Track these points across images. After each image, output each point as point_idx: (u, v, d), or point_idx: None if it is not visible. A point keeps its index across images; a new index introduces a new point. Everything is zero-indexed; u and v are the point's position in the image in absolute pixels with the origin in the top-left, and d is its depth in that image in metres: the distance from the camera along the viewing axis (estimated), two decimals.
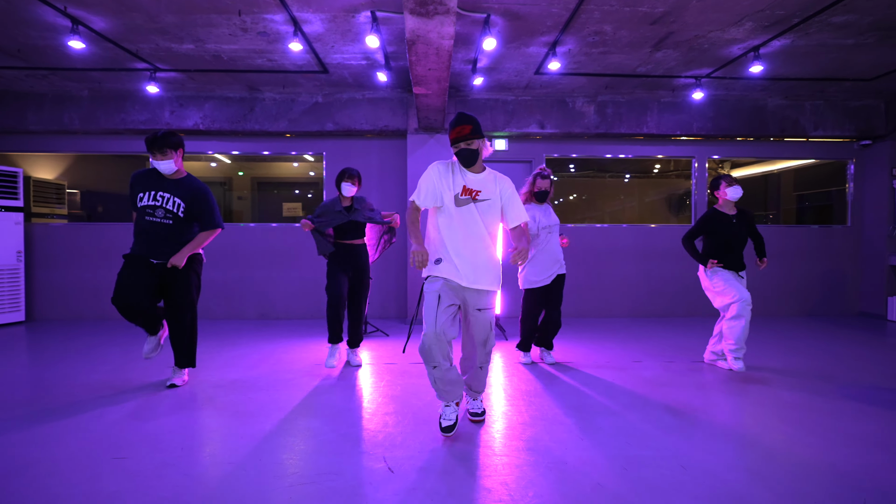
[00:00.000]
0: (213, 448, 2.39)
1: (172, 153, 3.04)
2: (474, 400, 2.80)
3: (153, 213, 3.05)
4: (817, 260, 6.61)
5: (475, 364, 2.62)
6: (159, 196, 3.06)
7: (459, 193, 2.50)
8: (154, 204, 3.05)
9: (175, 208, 3.07)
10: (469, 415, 2.80)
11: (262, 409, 2.91)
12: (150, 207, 3.05)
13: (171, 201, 3.07)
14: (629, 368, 3.88)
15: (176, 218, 3.09)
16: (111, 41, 4.44)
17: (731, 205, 3.81)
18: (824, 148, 6.62)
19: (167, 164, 3.02)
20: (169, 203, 3.06)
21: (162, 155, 3.00)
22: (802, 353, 4.39)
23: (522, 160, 6.40)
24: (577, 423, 2.71)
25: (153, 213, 3.05)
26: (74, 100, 5.90)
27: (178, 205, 3.07)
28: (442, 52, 3.46)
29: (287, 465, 2.20)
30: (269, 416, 2.79)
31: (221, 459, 2.25)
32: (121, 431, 2.57)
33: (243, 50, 4.69)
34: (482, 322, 2.53)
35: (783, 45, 4.53)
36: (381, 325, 5.79)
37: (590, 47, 4.62)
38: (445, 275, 2.47)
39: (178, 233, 3.11)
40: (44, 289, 6.15)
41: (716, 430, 2.64)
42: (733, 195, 3.73)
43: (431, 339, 2.37)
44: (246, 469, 2.15)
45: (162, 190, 3.07)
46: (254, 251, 6.22)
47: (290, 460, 2.25)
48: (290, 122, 5.98)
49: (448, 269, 2.48)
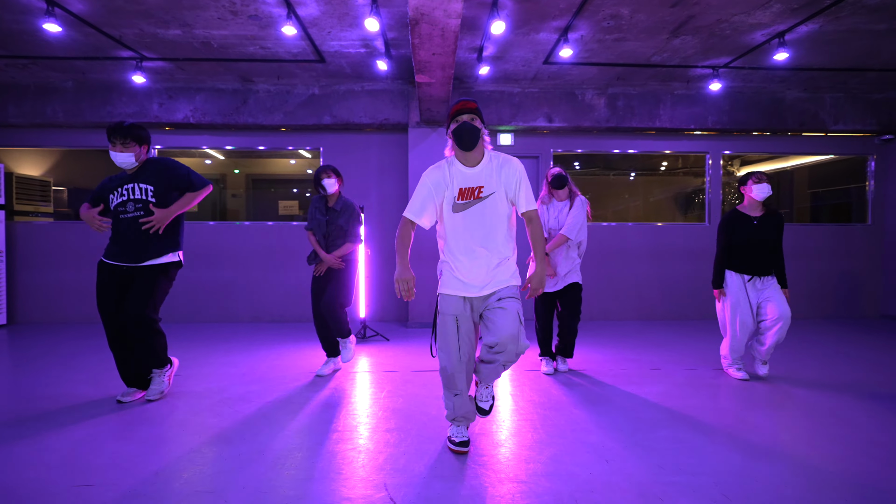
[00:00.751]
0: (191, 474, 2.10)
1: (136, 147, 2.77)
2: (485, 389, 2.39)
3: (125, 210, 2.79)
4: (836, 260, 6.33)
5: (498, 362, 2.19)
6: (125, 190, 2.79)
7: (457, 198, 2.20)
8: (122, 199, 2.79)
9: (143, 194, 2.78)
10: (480, 412, 2.42)
11: (250, 426, 2.62)
12: (121, 205, 2.80)
13: (136, 188, 2.79)
14: (649, 377, 3.59)
15: (146, 206, 2.79)
16: (91, 25, 4.14)
17: (756, 205, 3.49)
18: (844, 143, 6.34)
19: (126, 157, 2.75)
20: (136, 192, 2.78)
21: (123, 146, 2.73)
22: (830, 361, 4.10)
23: (529, 155, 6.11)
24: (601, 443, 2.42)
25: (125, 210, 2.79)
26: (58, 91, 5.61)
27: (144, 190, 2.78)
28: (448, 33, 3.17)
29: (274, 494, 1.91)
30: (257, 435, 2.50)
31: (199, 488, 1.96)
32: (90, 452, 2.28)
33: (234, 36, 4.40)
34: (509, 313, 2.12)
35: (810, 30, 4.24)
36: (380, 328, 5.50)
37: (604, 33, 4.34)
38: (453, 291, 2.22)
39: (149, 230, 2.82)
40: (27, 291, 5.85)
41: (755, 450, 2.35)
42: (759, 194, 3.42)
43: (456, 367, 2.22)
44: (227, 500, 1.86)
45: (126, 183, 2.81)
46: (248, 251, 5.93)
47: (279, 488, 1.95)
48: (286, 116, 5.69)
49: (455, 284, 2.23)
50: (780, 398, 3.12)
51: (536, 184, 6.12)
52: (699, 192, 7.90)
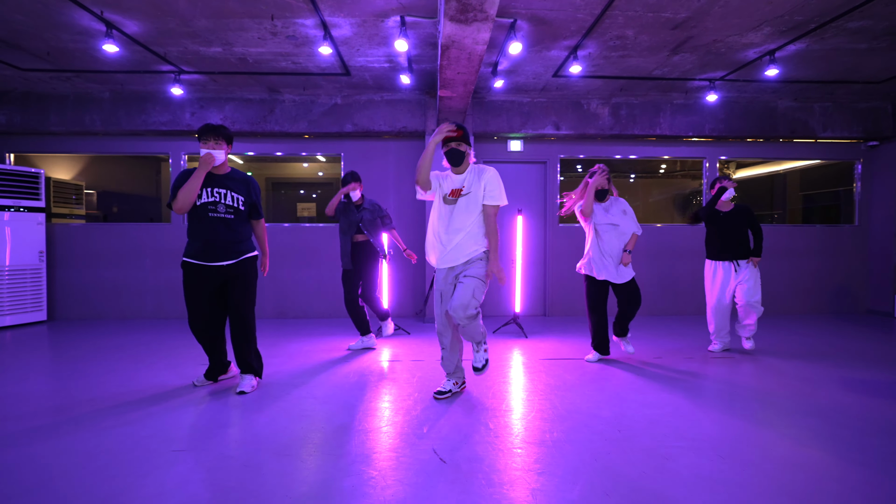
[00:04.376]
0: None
1: (225, 145, 3.11)
2: (476, 352, 3.16)
3: (215, 209, 3.08)
4: (826, 258, 6.74)
5: (457, 320, 2.93)
6: (216, 192, 3.09)
7: (448, 194, 3.02)
8: (215, 200, 3.08)
9: (234, 202, 3.12)
10: (474, 369, 3.16)
11: (325, 415, 3.00)
12: (212, 204, 3.07)
13: (230, 196, 3.11)
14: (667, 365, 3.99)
15: (237, 212, 3.14)
16: (141, 44, 4.51)
17: (726, 203, 4.27)
18: (832, 149, 6.76)
19: (218, 153, 3.06)
20: (228, 198, 3.11)
21: (216, 144, 3.06)
22: (824, 349, 4.51)
23: (537, 161, 6.51)
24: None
25: (215, 209, 3.08)
26: (96, 101, 5.97)
27: (236, 199, 3.13)
28: (473, 57, 3.55)
29: (342, 451, 2.29)
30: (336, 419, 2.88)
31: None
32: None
33: (269, 53, 4.77)
34: (465, 287, 2.90)
35: (798, 49, 4.64)
36: (399, 323, 5.88)
37: (610, 51, 4.73)
38: (441, 265, 3.02)
39: (237, 228, 3.15)
40: (64, 288, 6.21)
41: (748, 417, 2.74)
42: (724, 196, 4.24)
43: (439, 328, 3.10)
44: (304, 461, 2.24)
45: (217, 186, 3.10)
46: (272, 251, 6.29)
47: (351, 445, 2.34)
48: (310, 124, 6.07)
49: (437, 256, 3.04)
50: (764, 371, 3.52)
51: (545, 186, 6.52)
52: (696, 193, 8.32)
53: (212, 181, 3.12)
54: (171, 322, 5.94)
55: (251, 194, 3.21)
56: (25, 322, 5.72)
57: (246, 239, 3.23)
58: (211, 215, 3.09)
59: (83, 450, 2.35)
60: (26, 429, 2.61)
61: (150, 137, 6.24)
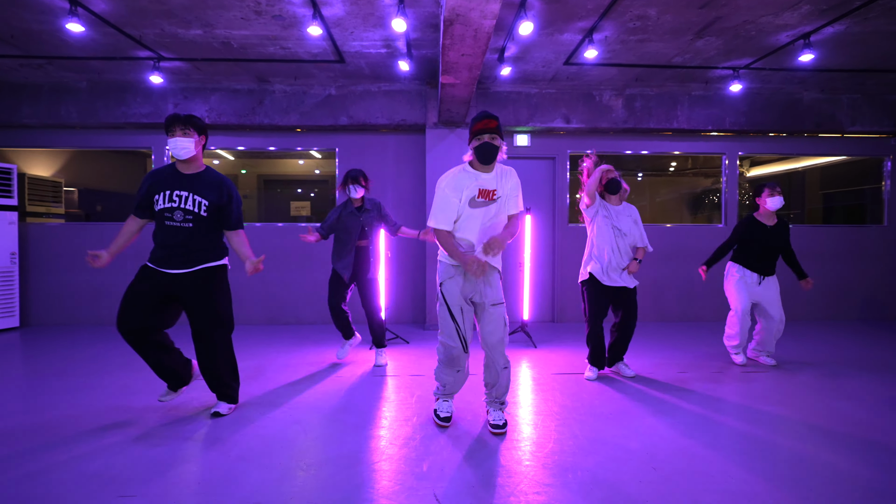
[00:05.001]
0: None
1: (195, 134, 2.65)
2: (497, 410, 2.68)
3: (171, 217, 2.64)
4: (851, 261, 6.32)
5: (499, 365, 2.60)
6: (175, 196, 2.63)
7: (476, 196, 2.52)
8: (171, 206, 2.63)
9: (196, 207, 2.65)
10: (491, 427, 2.62)
11: (276, 445, 2.59)
12: (168, 210, 2.63)
13: (191, 199, 2.65)
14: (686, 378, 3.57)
15: (197, 219, 2.66)
16: (113, 26, 4.10)
17: (770, 214, 3.87)
18: (860, 144, 6.33)
19: (186, 142, 2.60)
20: (188, 202, 2.65)
21: (183, 133, 2.60)
22: (864, 363, 4.10)
23: (545, 157, 6.08)
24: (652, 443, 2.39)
25: (171, 217, 2.64)
26: (72, 91, 5.55)
27: (198, 203, 2.66)
28: (481, 34, 3.14)
29: (325, 500, 1.88)
30: (296, 450, 2.47)
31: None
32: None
33: (255, 36, 4.36)
34: (496, 319, 2.58)
35: (836, 31, 4.22)
36: (398, 330, 5.47)
37: (628, 34, 4.31)
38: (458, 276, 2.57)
39: (199, 238, 2.68)
40: (39, 292, 5.80)
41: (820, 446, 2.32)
42: (773, 205, 3.79)
43: (461, 351, 2.59)
44: None
45: (179, 188, 2.65)
46: (261, 252, 5.86)
47: (329, 495, 1.92)
48: (302, 116, 5.65)
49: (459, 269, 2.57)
50: (801, 389, 3.11)
51: (553, 183, 6.10)
52: (709, 192, 7.90)
53: (174, 182, 2.66)
54: None
55: (222, 197, 2.71)
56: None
57: (212, 248, 2.74)
58: (167, 224, 2.64)
59: (12, 495, 1.94)
60: None
61: (131, 130, 5.82)
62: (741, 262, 3.94)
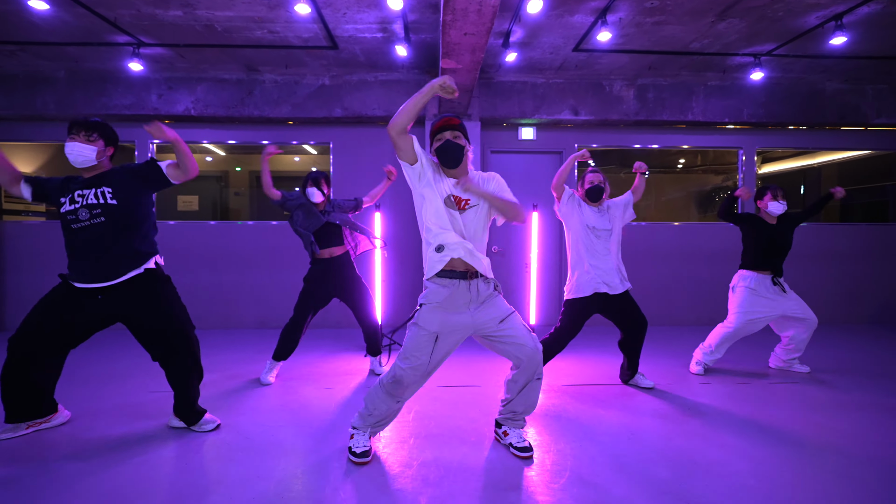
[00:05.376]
0: None
1: (99, 141, 2.36)
2: (519, 429, 2.36)
3: (76, 218, 2.33)
4: (872, 261, 5.98)
5: (531, 377, 2.23)
6: (78, 196, 2.34)
7: (450, 195, 2.17)
8: (73, 207, 2.33)
9: (101, 198, 2.33)
10: (515, 451, 2.27)
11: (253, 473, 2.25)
12: (72, 213, 2.33)
13: (92, 193, 2.34)
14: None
15: (107, 209, 2.33)
16: (82, 4, 3.76)
17: (771, 216, 3.68)
18: (884, 137, 5.99)
19: (87, 149, 2.31)
20: (89, 198, 2.33)
21: (86, 138, 2.32)
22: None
23: (552, 151, 5.75)
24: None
25: (76, 218, 2.33)
26: (49, 81, 5.22)
27: (101, 193, 2.33)
28: (486, 9, 2.81)
29: None
30: (259, 481, 2.14)
31: None
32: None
33: (240, 18, 4.02)
34: (515, 328, 2.18)
35: (871, 11, 3.89)
36: (394, 336, 5.13)
37: (645, 15, 3.97)
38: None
39: (116, 232, 2.35)
40: (16, 295, 5.47)
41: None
42: (774, 209, 3.59)
43: (417, 378, 2.15)
44: None
45: (81, 188, 2.36)
46: (252, 252, 5.56)
47: None
48: (294, 108, 5.32)
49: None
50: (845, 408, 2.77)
51: None
52: (720, 190, 7.57)
53: (77, 184, 2.39)
54: None
55: (123, 175, 2.39)
56: None
57: (136, 249, 2.40)
58: (73, 227, 2.33)
59: None
60: None
61: (113, 123, 5.38)
62: (750, 266, 3.65)
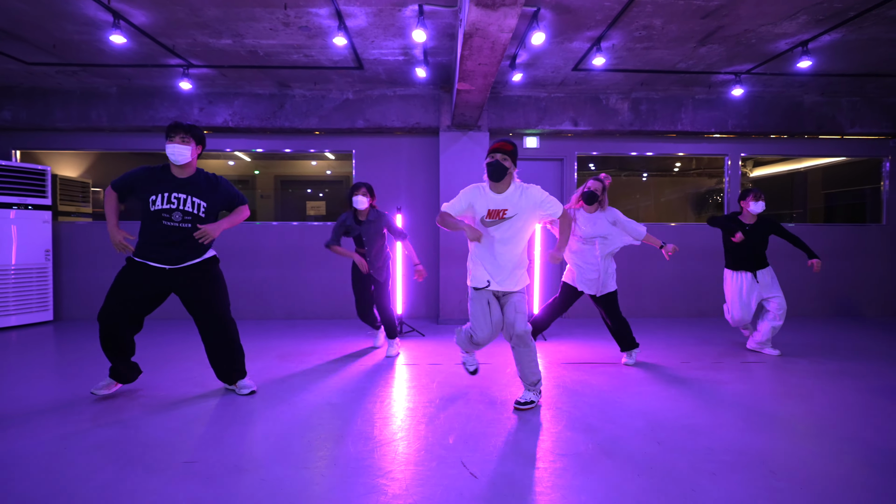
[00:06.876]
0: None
1: (192, 143, 2.88)
2: (526, 391, 2.96)
3: (170, 217, 2.82)
4: (851, 259, 6.51)
5: (513, 342, 2.87)
6: (174, 198, 2.82)
7: (485, 216, 2.77)
8: (170, 207, 2.82)
9: (195, 209, 2.86)
10: (516, 404, 2.91)
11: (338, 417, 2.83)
12: (167, 211, 2.82)
13: (189, 202, 2.85)
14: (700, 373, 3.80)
15: (196, 219, 2.87)
16: (149, 36, 4.36)
17: (751, 216, 4.23)
18: (859, 145, 6.53)
19: (184, 149, 2.82)
20: (187, 204, 2.85)
21: (182, 141, 2.82)
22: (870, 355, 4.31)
23: (554, 158, 6.32)
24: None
25: (170, 217, 2.82)
26: (102, 96, 5.83)
27: (197, 205, 2.87)
28: (497, 46, 3.38)
29: (366, 469, 2.12)
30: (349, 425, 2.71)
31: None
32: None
33: (281, 45, 4.61)
34: (513, 303, 2.84)
35: (833, 39, 4.43)
36: (414, 324, 5.71)
37: (634, 42, 4.54)
38: (485, 285, 2.82)
39: (193, 236, 2.88)
40: (70, 288, 6.09)
41: (794, 431, 2.55)
42: (755, 209, 4.15)
43: (487, 339, 2.87)
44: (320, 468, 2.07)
45: (176, 191, 2.84)
46: (281, 251, 6.15)
47: (374, 465, 2.17)
48: (321, 119, 5.91)
49: (482, 278, 2.82)
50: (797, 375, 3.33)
51: (561, 184, 6.33)
52: (713, 192, 8.10)
53: (171, 185, 2.86)
54: (174, 323, 5.79)
55: (217, 196, 2.95)
56: (31, 322, 5.60)
57: (199, 248, 2.92)
58: (165, 223, 2.83)
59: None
60: None
61: (158, 133, 6.09)
62: (730, 265, 4.33)
